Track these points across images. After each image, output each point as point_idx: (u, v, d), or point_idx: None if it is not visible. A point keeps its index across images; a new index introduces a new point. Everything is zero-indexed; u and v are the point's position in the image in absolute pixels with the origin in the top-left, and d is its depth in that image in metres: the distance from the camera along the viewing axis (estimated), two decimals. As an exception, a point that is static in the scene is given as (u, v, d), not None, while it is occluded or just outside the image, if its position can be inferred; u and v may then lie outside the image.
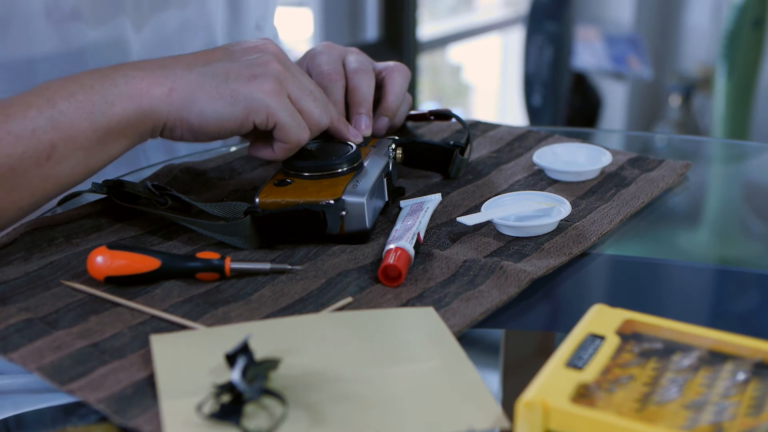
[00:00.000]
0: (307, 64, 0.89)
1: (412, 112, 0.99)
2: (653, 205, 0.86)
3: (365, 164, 0.79)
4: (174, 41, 0.95)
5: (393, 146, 0.85)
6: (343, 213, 0.74)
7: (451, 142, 0.89)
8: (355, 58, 0.89)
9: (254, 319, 0.65)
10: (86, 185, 0.79)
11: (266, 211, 0.74)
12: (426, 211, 0.78)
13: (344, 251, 0.74)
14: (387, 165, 0.81)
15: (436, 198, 0.81)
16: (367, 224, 0.75)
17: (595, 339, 0.55)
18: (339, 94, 0.86)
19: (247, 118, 0.74)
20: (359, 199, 0.74)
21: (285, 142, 0.77)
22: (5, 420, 0.70)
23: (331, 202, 0.74)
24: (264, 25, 1.09)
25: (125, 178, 0.83)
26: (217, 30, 1.00)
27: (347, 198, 0.74)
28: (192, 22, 0.96)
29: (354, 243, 0.75)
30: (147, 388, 0.56)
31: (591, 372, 0.52)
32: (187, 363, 0.58)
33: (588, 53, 3.19)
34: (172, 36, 0.94)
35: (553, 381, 0.51)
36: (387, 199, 0.81)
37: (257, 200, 0.75)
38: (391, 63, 0.91)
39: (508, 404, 0.53)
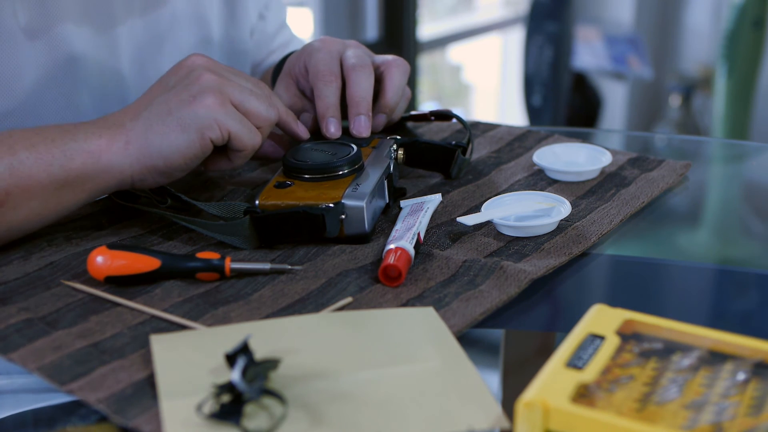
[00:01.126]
0: (305, 60, 0.88)
1: (413, 113, 0.98)
2: (653, 205, 0.86)
3: (366, 166, 0.79)
4: (167, 38, 0.94)
5: (395, 147, 0.85)
6: (343, 216, 0.74)
7: (453, 142, 0.89)
8: (354, 53, 0.87)
9: (254, 319, 0.64)
10: None
11: (265, 212, 0.74)
12: (426, 211, 0.78)
13: (344, 251, 0.74)
14: (388, 166, 0.81)
15: (436, 198, 0.81)
16: (367, 227, 0.74)
17: (595, 339, 0.55)
18: (333, 97, 0.85)
19: (203, 139, 0.73)
20: (359, 203, 0.74)
21: (240, 150, 0.77)
22: (5, 419, 0.70)
23: (331, 205, 0.73)
24: (267, 14, 1.08)
25: None
26: (213, 23, 0.99)
27: (347, 202, 0.74)
28: (184, 17, 0.95)
29: (354, 244, 0.75)
30: (147, 388, 0.56)
31: (591, 372, 0.52)
32: (187, 363, 0.58)
33: (588, 53, 3.19)
34: (165, 32, 0.94)
35: (553, 381, 0.51)
36: (388, 200, 0.81)
37: (257, 202, 0.75)
38: (389, 57, 0.91)
39: (508, 404, 0.53)
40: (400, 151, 0.86)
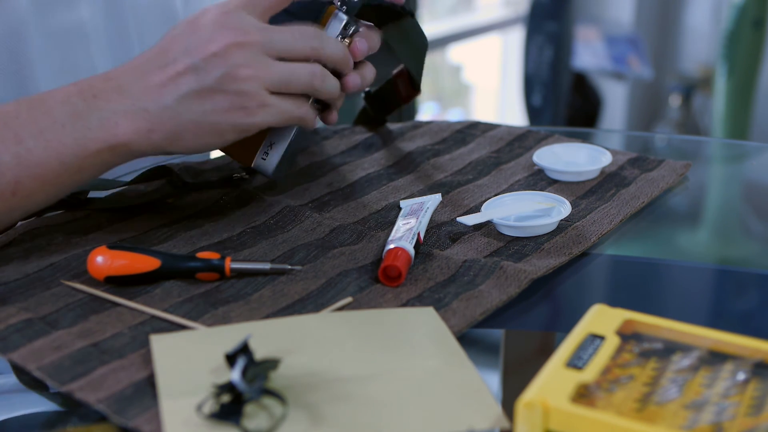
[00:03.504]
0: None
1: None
2: (653, 205, 0.86)
3: None
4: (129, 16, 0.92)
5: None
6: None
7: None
8: None
9: (254, 319, 0.64)
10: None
11: (188, 185, 0.83)
12: (426, 211, 0.78)
13: (344, 252, 0.74)
14: None
15: (436, 198, 0.81)
16: (272, 176, 0.80)
17: (595, 339, 0.55)
18: None
19: (239, 138, 0.72)
20: (266, 171, 0.79)
21: (300, 124, 0.75)
22: (4, 421, 0.70)
23: (245, 175, 0.84)
24: None
25: (122, 179, 0.84)
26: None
27: (256, 165, 0.79)
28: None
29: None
30: (147, 388, 0.56)
31: (591, 372, 0.52)
32: (187, 363, 0.58)
33: (588, 53, 3.19)
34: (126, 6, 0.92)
35: (553, 381, 0.51)
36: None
37: None
38: None
39: (508, 404, 0.53)
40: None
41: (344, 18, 0.78)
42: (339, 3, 0.78)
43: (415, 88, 0.96)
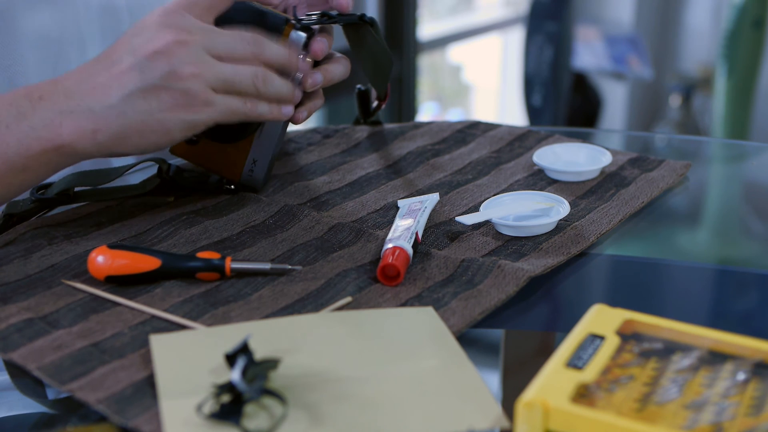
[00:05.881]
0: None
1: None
2: (653, 205, 0.86)
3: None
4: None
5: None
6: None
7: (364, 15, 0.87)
8: None
9: (254, 319, 0.65)
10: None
11: (176, 182, 0.84)
12: (424, 211, 0.78)
13: (342, 256, 0.74)
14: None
15: (434, 197, 0.81)
16: (261, 185, 0.85)
17: (595, 339, 0.55)
18: None
19: (186, 136, 0.73)
20: (254, 185, 0.85)
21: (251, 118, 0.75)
22: (3, 419, 0.70)
23: (232, 187, 0.85)
24: None
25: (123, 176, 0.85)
26: None
27: (244, 181, 0.84)
28: None
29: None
30: (147, 388, 0.56)
31: (591, 372, 0.52)
32: (187, 363, 0.58)
33: (588, 53, 3.19)
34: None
35: (553, 381, 0.51)
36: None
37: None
38: None
39: (508, 404, 0.53)
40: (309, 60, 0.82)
41: (302, 36, 0.80)
42: (295, 21, 0.80)
43: (379, 97, 0.97)
